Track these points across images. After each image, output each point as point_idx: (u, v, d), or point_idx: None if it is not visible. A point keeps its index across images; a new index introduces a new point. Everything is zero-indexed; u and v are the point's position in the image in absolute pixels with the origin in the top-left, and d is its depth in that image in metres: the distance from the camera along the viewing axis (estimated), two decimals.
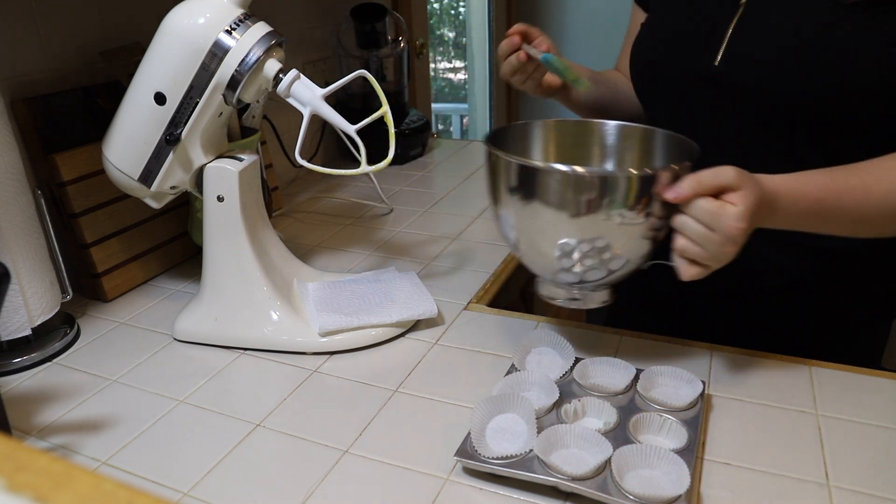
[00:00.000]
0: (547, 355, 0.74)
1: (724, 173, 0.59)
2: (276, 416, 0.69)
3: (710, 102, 0.76)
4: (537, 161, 0.74)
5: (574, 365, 0.71)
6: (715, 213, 0.58)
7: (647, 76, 0.85)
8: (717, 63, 0.74)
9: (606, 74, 0.99)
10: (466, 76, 3.94)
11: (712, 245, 0.59)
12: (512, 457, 0.57)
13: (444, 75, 4.15)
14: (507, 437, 0.61)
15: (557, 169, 0.61)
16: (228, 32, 0.71)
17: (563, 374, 0.70)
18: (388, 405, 0.70)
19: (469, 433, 0.60)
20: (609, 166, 0.78)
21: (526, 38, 0.83)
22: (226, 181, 0.78)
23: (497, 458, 0.57)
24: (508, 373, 0.70)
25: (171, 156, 0.78)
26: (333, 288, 0.88)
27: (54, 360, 0.80)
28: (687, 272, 0.61)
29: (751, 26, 0.72)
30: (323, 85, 0.73)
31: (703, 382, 0.66)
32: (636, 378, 0.68)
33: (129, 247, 0.97)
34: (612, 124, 0.77)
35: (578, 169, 0.61)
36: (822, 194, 0.63)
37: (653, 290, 0.87)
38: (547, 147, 0.79)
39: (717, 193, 0.59)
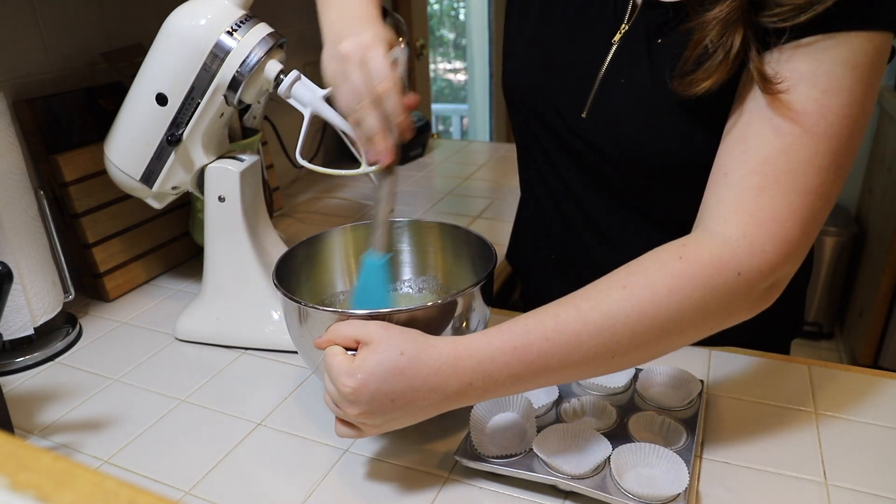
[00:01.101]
0: None
1: (365, 328, 0.53)
2: (276, 415, 0.69)
3: (576, 149, 0.72)
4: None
5: None
6: (329, 363, 0.53)
7: (518, 104, 0.78)
8: (584, 115, 0.68)
9: None
10: (466, 77, 3.95)
11: (337, 400, 0.53)
12: (511, 456, 0.57)
13: (444, 76, 4.15)
14: (506, 436, 0.61)
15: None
16: (230, 34, 0.71)
17: None
18: None
19: (469, 432, 0.60)
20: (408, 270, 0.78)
21: None
22: (227, 181, 0.79)
23: (497, 457, 0.57)
24: None
25: (172, 156, 0.78)
26: None
27: (56, 360, 0.81)
28: (339, 430, 0.55)
29: (613, 82, 0.66)
30: (323, 86, 0.74)
31: (702, 382, 0.66)
32: (635, 377, 0.68)
33: (130, 247, 0.98)
34: (402, 222, 0.76)
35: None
36: (517, 346, 0.51)
37: None
38: (347, 252, 0.77)
39: (356, 345, 0.53)
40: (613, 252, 0.72)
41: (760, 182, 0.52)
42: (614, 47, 0.66)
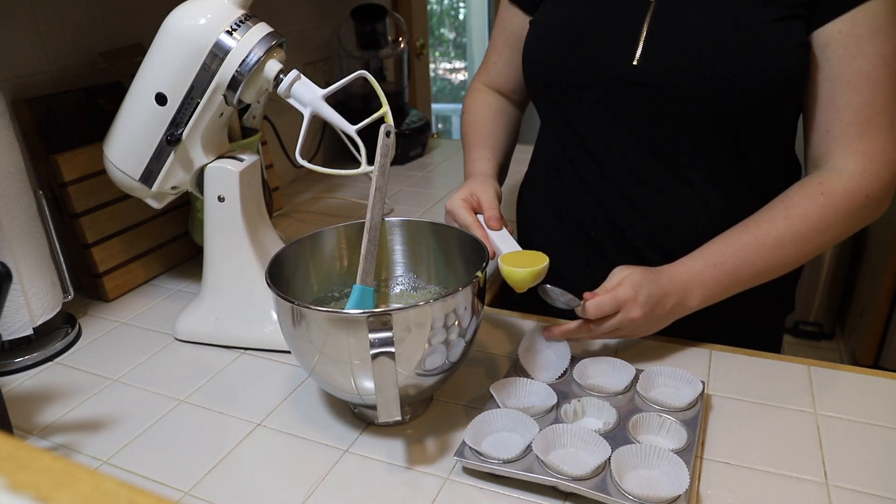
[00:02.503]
0: (546, 353, 0.74)
1: (621, 294, 0.68)
2: (276, 415, 0.69)
3: (628, 104, 0.74)
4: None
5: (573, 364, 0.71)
6: (611, 300, 0.68)
7: (548, 81, 0.81)
8: (636, 62, 0.72)
9: (497, 134, 0.93)
10: (466, 76, 3.95)
11: (622, 318, 0.69)
12: (512, 457, 0.57)
13: (444, 76, 4.15)
14: (506, 437, 0.61)
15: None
16: (229, 33, 0.71)
17: (562, 374, 0.70)
18: None
19: (469, 433, 0.60)
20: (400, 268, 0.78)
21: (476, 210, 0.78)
22: (226, 181, 0.78)
23: (497, 458, 0.57)
24: (508, 373, 0.70)
25: (171, 156, 0.78)
26: None
27: (56, 360, 0.80)
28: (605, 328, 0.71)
29: (666, 23, 0.71)
30: (323, 85, 0.74)
31: (703, 382, 0.66)
32: (636, 378, 0.68)
33: (130, 247, 0.97)
34: (396, 222, 0.75)
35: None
36: (717, 263, 0.70)
37: None
38: (340, 252, 0.76)
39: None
40: (639, 218, 0.78)
41: (859, 130, 0.69)
42: None
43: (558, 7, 0.80)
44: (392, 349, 0.54)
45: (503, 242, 0.73)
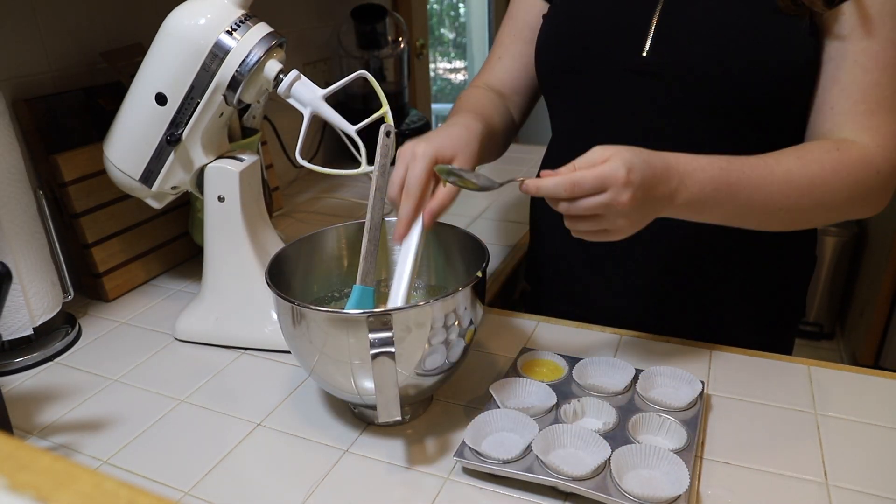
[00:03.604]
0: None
1: (608, 170, 0.57)
2: (276, 415, 0.69)
3: (638, 95, 0.74)
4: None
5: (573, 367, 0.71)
6: (593, 176, 0.57)
7: (561, 74, 0.80)
8: (645, 53, 0.72)
9: (486, 123, 0.77)
10: (466, 76, 3.95)
11: (606, 200, 0.58)
12: (511, 457, 0.57)
13: (444, 76, 4.15)
14: (506, 437, 0.61)
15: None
16: (229, 33, 0.71)
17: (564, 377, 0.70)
18: None
19: (469, 433, 0.60)
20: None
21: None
22: (226, 181, 0.78)
23: (496, 459, 0.57)
24: (508, 373, 0.70)
25: (171, 156, 0.78)
26: None
27: (55, 360, 0.80)
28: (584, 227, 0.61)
29: (675, 13, 0.72)
30: (323, 85, 0.74)
31: (703, 382, 0.66)
32: (635, 378, 0.68)
33: (130, 247, 0.97)
34: (396, 222, 0.72)
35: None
36: (723, 167, 0.63)
37: (648, 288, 0.86)
38: (340, 252, 0.76)
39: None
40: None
41: (868, 108, 0.67)
42: None
43: (565, 3, 0.80)
44: (392, 349, 0.54)
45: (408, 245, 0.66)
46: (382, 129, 0.66)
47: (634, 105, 0.75)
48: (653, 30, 0.72)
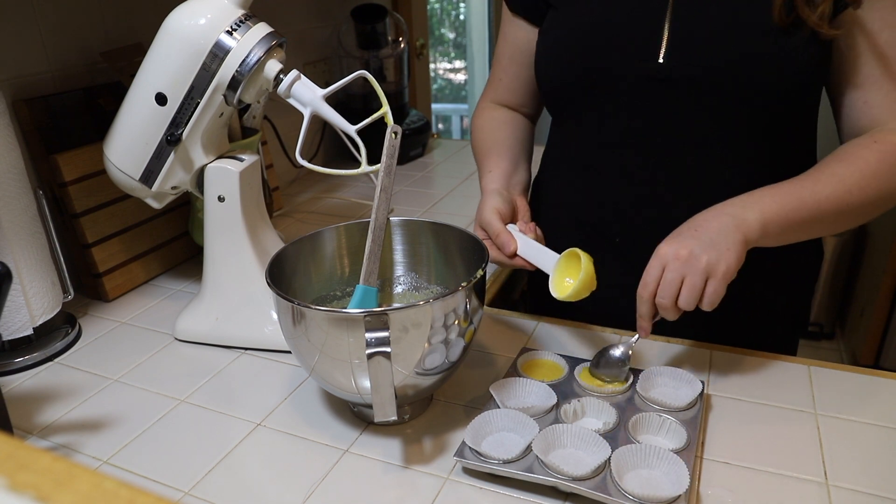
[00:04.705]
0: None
1: (655, 255, 0.64)
2: (276, 415, 0.69)
3: (653, 102, 0.74)
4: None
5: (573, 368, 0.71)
6: (677, 278, 0.63)
7: (567, 84, 0.79)
8: (661, 60, 0.72)
9: (516, 148, 0.87)
10: (466, 76, 3.95)
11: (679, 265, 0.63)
12: (511, 457, 0.57)
13: (444, 75, 4.15)
14: (506, 437, 0.61)
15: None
16: (229, 33, 0.71)
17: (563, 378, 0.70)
18: None
19: (469, 433, 0.60)
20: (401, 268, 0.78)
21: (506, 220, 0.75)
22: (226, 181, 0.78)
23: (496, 459, 0.57)
24: (508, 373, 0.70)
25: (172, 156, 0.78)
26: None
27: (56, 360, 0.80)
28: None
29: (687, 18, 0.71)
30: (323, 85, 0.74)
31: (703, 382, 0.66)
32: (636, 378, 0.68)
33: (130, 247, 0.97)
34: (396, 221, 0.75)
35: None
36: (774, 188, 0.67)
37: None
38: (340, 252, 0.76)
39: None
40: (667, 220, 0.75)
41: None
42: None
43: (570, 11, 0.79)
44: (388, 349, 0.54)
45: (539, 254, 0.71)
46: (389, 129, 0.66)
47: (650, 112, 0.74)
48: (666, 35, 0.71)
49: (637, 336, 0.68)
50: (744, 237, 0.63)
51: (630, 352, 0.69)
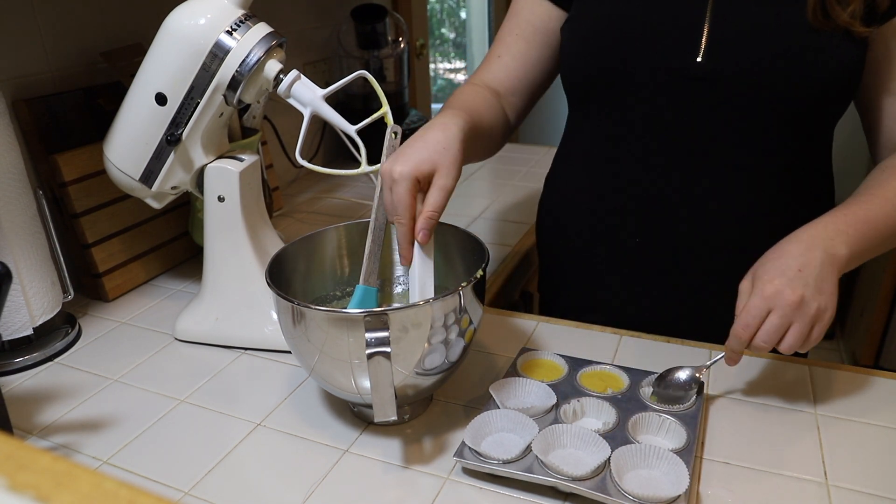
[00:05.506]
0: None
1: (756, 293, 0.61)
2: (276, 415, 0.69)
3: (690, 100, 0.73)
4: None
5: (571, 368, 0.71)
6: (782, 323, 0.60)
7: (598, 75, 0.78)
8: (700, 59, 0.71)
9: (477, 123, 0.76)
10: (466, 76, 3.94)
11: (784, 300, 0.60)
12: (511, 457, 0.57)
13: (444, 75, 4.15)
14: (506, 437, 0.61)
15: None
16: (229, 33, 0.71)
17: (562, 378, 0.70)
18: None
19: (468, 433, 0.60)
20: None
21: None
22: (226, 181, 0.78)
23: (496, 459, 0.57)
24: (508, 373, 0.70)
25: (171, 156, 0.78)
26: None
27: (55, 360, 0.80)
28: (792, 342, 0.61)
29: (727, 16, 0.71)
30: (323, 85, 0.74)
31: (702, 382, 0.66)
32: (636, 379, 0.68)
33: (129, 247, 0.97)
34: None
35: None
36: (841, 211, 0.66)
37: (646, 285, 0.86)
38: (340, 252, 0.76)
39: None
40: (692, 221, 0.75)
41: None
42: None
43: (597, 5, 0.77)
44: (388, 349, 0.54)
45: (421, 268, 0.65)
46: (390, 128, 0.66)
47: (685, 110, 0.74)
48: (706, 33, 0.71)
49: (716, 359, 0.66)
50: (839, 275, 0.62)
51: (698, 375, 0.66)
